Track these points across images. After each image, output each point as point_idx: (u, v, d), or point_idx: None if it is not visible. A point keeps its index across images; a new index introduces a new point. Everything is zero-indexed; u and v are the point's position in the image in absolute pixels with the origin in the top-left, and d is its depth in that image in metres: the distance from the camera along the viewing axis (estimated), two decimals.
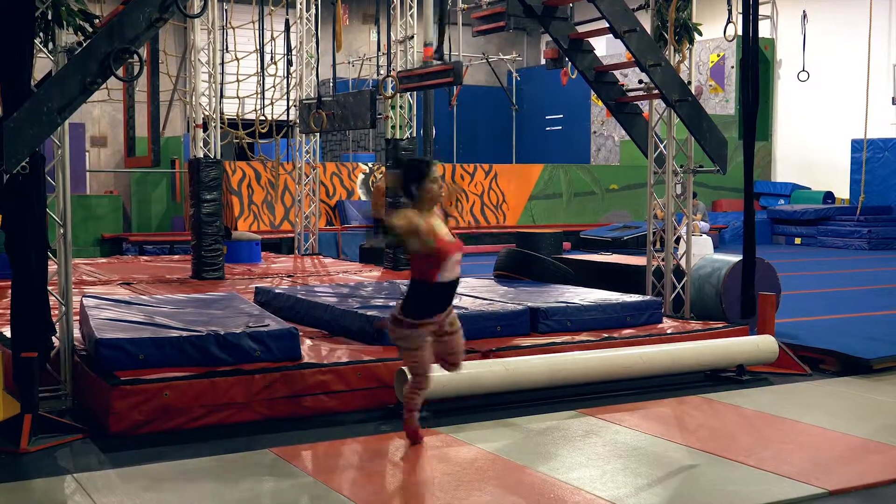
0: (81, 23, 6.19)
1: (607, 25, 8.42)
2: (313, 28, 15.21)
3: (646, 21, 8.80)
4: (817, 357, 7.91)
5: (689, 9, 8.75)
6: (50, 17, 6.08)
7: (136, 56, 6.22)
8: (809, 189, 23.37)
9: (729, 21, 9.51)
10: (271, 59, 16.09)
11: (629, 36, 8.30)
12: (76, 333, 6.80)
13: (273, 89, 16.28)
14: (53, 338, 6.23)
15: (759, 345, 7.55)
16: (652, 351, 7.24)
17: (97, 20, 6.37)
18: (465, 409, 6.38)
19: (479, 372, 6.43)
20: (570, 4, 9.13)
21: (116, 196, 19.81)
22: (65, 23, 6.12)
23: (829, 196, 22.48)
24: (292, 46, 15.21)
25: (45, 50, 6.17)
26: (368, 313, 7.33)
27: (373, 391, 6.42)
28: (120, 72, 6.15)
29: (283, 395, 6.18)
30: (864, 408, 6.68)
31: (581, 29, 9.31)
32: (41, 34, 6.09)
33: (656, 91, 8.62)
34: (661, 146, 9.10)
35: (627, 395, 6.89)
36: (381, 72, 13.55)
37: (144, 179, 20.17)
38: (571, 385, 6.81)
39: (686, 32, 8.73)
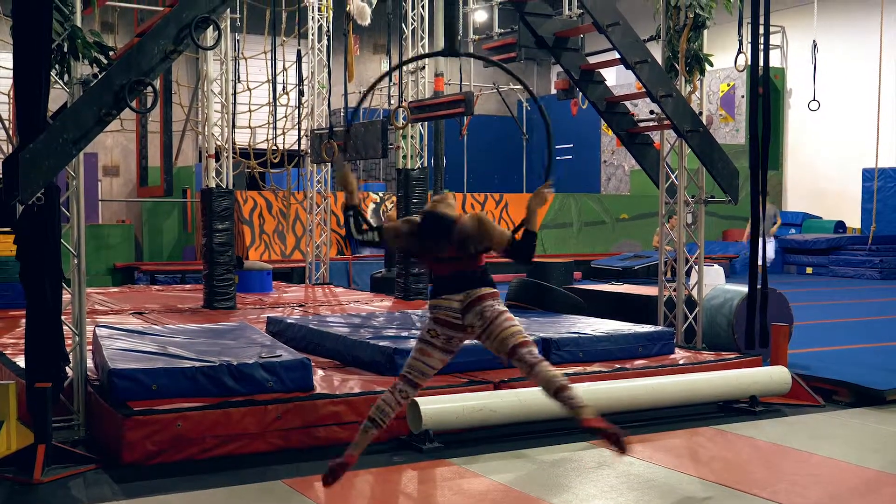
0: (97, 55, 6.26)
1: (618, 56, 8.46)
2: (325, 58, 15.32)
3: (657, 52, 8.83)
4: (830, 388, 7.87)
5: (700, 40, 8.78)
6: (66, 50, 6.14)
7: (150, 87, 6.28)
8: (820, 218, 23.35)
9: (739, 51, 9.56)
10: (283, 90, 16.21)
11: (640, 67, 8.34)
12: (89, 363, 6.81)
13: (285, 119, 16.39)
14: (67, 368, 6.24)
15: (771, 376, 7.52)
16: (664, 382, 7.22)
17: (112, 52, 6.43)
18: (478, 440, 6.37)
19: (491, 402, 6.42)
20: (581, 35, 9.19)
21: (129, 225, 19.90)
22: (80, 55, 6.18)
23: (840, 225, 22.44)
24: (304, 77, 15.32)
25: (60, 82, 6.22)
26: (380, 344, 7.32)
27: None
28: (134, 103, 6.20)
29: (296, 425, 6.17)
30: (878, 439, 6.64)
31: (592, 60, 9.36)
32: (57, 66, 6.15)
33: (667, 122, 8.64)
34: (673, 176, 9.11)
35: (640, 427, 6.86)
36: (393, 102, 13.60)
37: (156, 209, 20.25)
38: None
39: (697, 63, 8.76)
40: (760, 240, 7.93)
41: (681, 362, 7.94)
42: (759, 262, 8.00)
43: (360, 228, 5.51)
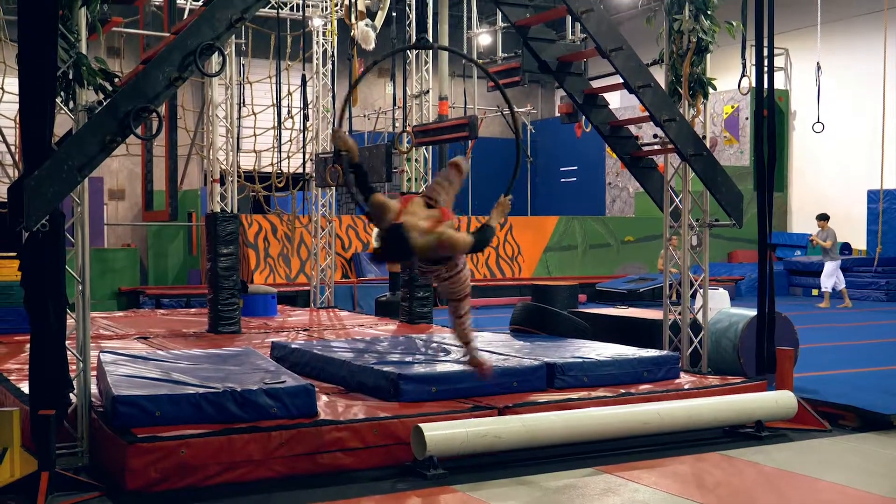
0: (102, 82, 6.27)
1: (622, 80, 8.47)
2: (329, 83, 15.37)
3: (660, 76, 8.84)
4: (837, 412, 7.83)
5: (704, 63, 8.80)
6: (71, 77, 6.16)
7: (155, 114, 6.29)
8: None
9: (743, 74, 9.58)
10: (288, 114, 16.25)
11: (644, 91, 8.35)
12: (93, 389, 6.80)
13: (289, 143, 16.43)
14: (71, 394, 6.23)
15: (777, 400, 7.49)
16: (670, 407, 7.18)
17: (117, 79, 6.45)
18: (482, 467, 6.34)
19: (496, 428, 6.39)
20: (585, 60, 9.20)
21: (134, 249, 19.92)
22: (86, 82, 6.20)
23: (845, 247, 22.38)
24: (308, 101, 15.37)
25: (65, 108, 6.24)
26: (384, 369, 7.31)
27: (389, 448, 6.38)
28: (139, 130, 6.21)
29: (300, 452, 6.15)
30: (884, 465, 6.61)
31: (595, 84, 9.37)
32: (62, 93, 6.17)
33: (671, 146, 8.64)
34: (677, 200, 9.10)
35: (645, 452, 6.83)
36: (397, 125, 13.64)
37: (161, 232, 20.29)
38: (589, 441, 6.76)
39: (700, 87, 8.77)
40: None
41: (686, 387, 7.91)
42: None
43: (366, 187, 6.19)
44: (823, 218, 18.64)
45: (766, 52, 8.25)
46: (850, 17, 23.21)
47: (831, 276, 18.38)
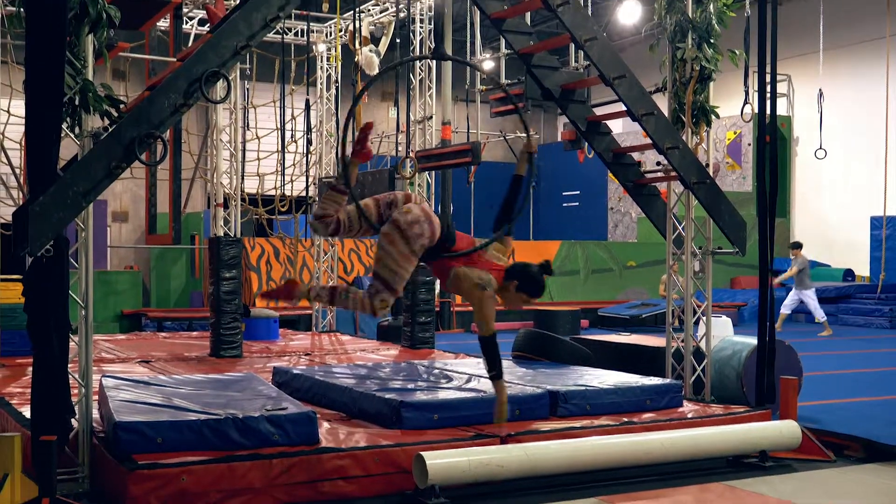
0: (108, 108, 6.29)
1: (625, 108, 8.48)
2: (333, 107, 15.42)
3: (663, 103, 8.85)
4: (841, 443, 7.79)
5: (707, 91, 8.81)
6: (77, 103, 6.17)
7: (160, 140, 6.30)
8: (829, 266, 23.29)
9: (746, 102, 9.59)
10: (291, 138, 16.30)
11: (647, 119, 8.35)
12: (95, 415, 6.78)
13: (293, 167, 16.47)
14: (72, 420, 6.21)
15: (781, 430, 7.45)
16: (673, 436, 7.14)
17: (123, 105, 6.47)
18: (485, 495, 6.32)
19: (498, 457, 6.36)
20: (588, 87, 9.22)
21: (137, 272, 19.91)
22: (92, 108, 6.22)
23: (849, 274, 22.37)
24: (312, 125, 15.41)
25: (71, 135, 6.25)
26: (386, 396, 7.28)
27: (391, 476, 6.35)
28: (144, 156, 6.22)
29: (301, 480, 6.12)
30: (890, 496, 6.57)
31: (598, 111, 9.37)
32: (68, 119, 6.18)
33: (674, 173, 8.64)
34: (680, 227, 9.08)
35: (648, 482, 6.80)
36: (400, 149, 13.67)
37: (164, 255, 20.30)
38: (591, 470, 6.73)
39: (703, 115, 8.78)
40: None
41: (689, 416, 7.88)
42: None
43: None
44: (796, 246, 18.46)
45: (768, 79, 8.27)
46: (853, 43, 23.31)
47: (818, 306, 18.31)
